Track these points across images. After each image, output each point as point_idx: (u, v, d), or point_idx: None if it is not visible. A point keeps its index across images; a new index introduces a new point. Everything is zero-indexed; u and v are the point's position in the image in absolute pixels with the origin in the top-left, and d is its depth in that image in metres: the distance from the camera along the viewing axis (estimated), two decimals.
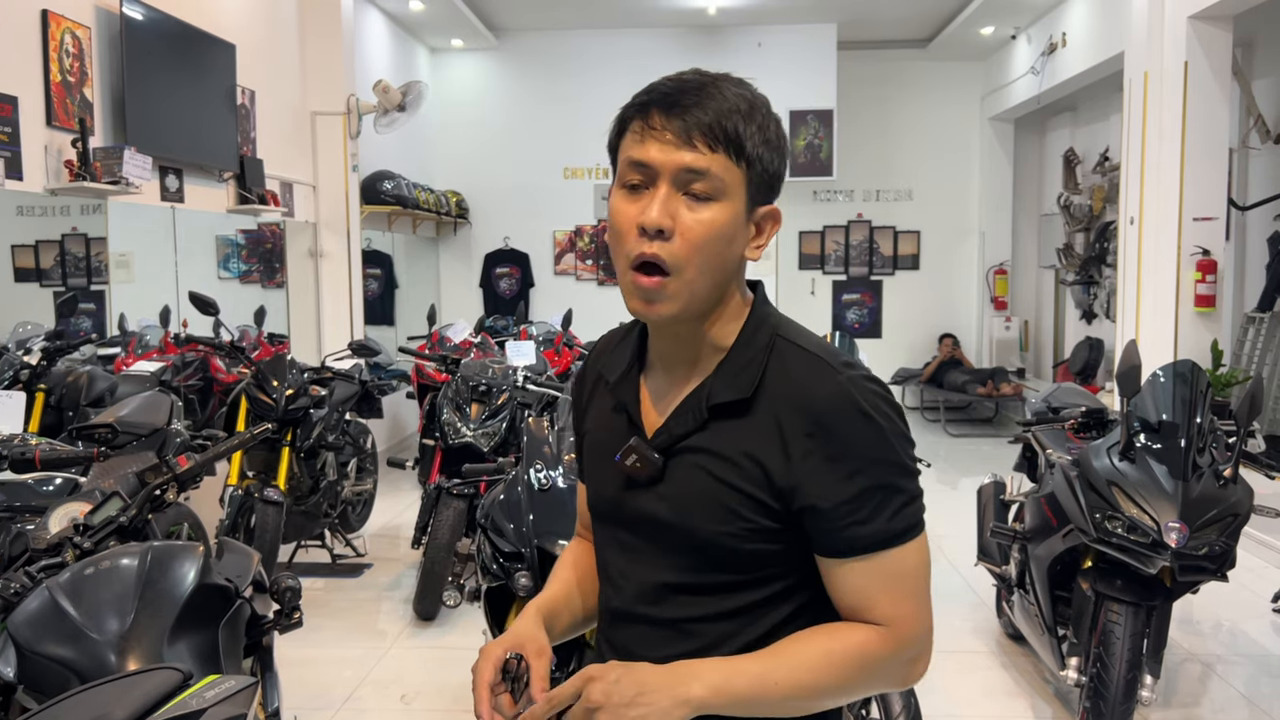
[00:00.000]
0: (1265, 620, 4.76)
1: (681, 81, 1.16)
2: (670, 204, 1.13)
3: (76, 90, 4.60)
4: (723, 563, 1.19)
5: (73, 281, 5.29)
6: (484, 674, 1.23)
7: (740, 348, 1.21)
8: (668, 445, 1.21)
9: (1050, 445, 4.06)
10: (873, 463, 1.14)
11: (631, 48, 9.73)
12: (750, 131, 1.15)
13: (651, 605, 1.25)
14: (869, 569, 1.16)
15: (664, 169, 1.14)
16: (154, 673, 1.45)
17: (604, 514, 1.32)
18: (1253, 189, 7.24)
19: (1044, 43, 8.88)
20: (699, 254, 1.14)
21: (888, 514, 1.15)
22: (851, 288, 11.09)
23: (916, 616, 1.18)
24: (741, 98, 1.16)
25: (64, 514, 2.37)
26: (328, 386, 5.25)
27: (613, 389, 1.31)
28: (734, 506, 1.16)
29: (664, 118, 1.14)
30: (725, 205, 1.14)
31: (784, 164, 1.21)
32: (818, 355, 1.18)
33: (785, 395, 1.16)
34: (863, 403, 1.14)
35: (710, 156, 1.13)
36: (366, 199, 7.84)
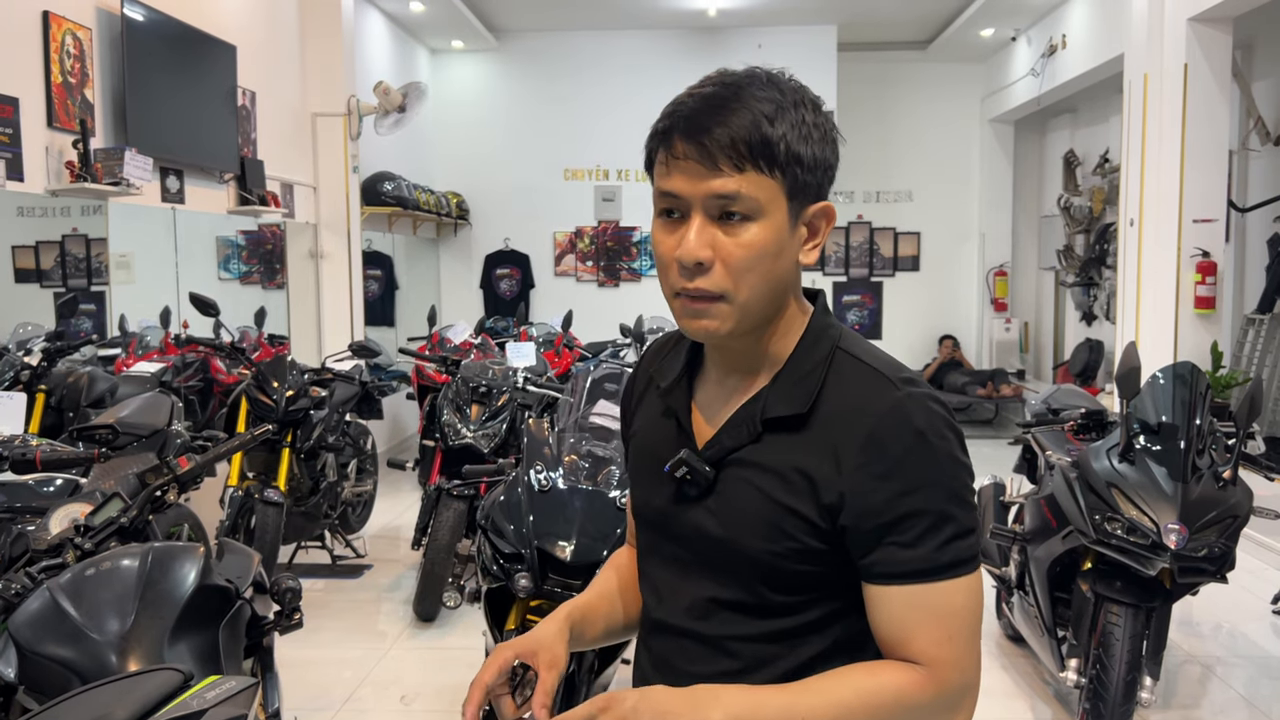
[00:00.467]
0: (1265, 622, 4.76)
1: (701, 98, 1.09)
2: (705, 233, 1.09)
3: (77, 91, 4.60)
4: (769, 582, 1.15)
5: (73, 282, 5.29)
6: (484, 674, 1.19)
7: (798, 360, 1.16)
8: (719, 458, 1.17)
9: (1050, 447, 4.07)
10: (923, 486, 1.08)
11: (631, 49, 9.73)
12: (780, 135, 1.07)
13: (694, 620, 1.20)
14: (909, 599, 1.10)
15: (693, 199, 1.08)
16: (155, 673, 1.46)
17: (650, 522, 1.27)
18: (1252, 191, 7.24)
19: (1044, 44, 8.88)
20: (745, 277, 1.09)
21: (935, 543, 1.08)
22: (852, 289, 11.10)
23: (958, 662, 1.10)
24: (768, 100, 1.08)
25: (65, 515, 2.37)
26: (328, 388, 5.26)
27: (664, 394, 1.26)
28: (782, 524, 1.12)
29: (685, 144, 1.08)
30: (765, 222, 1.09)
31: (831, 151, 1.13)
32: (877, 369, 1.13)
33: (841, 410, 1.11)
34: (918, 422, 1.08)
35: (739, 178, 1.07)
36: (367, 200, 7.84)
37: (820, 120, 1.12)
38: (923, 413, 1.09)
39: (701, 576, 1.20)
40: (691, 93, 1.11)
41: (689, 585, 1.21)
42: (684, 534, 1.21)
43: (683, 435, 1.22)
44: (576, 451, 3.11)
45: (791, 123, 1.09)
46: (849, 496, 1.09)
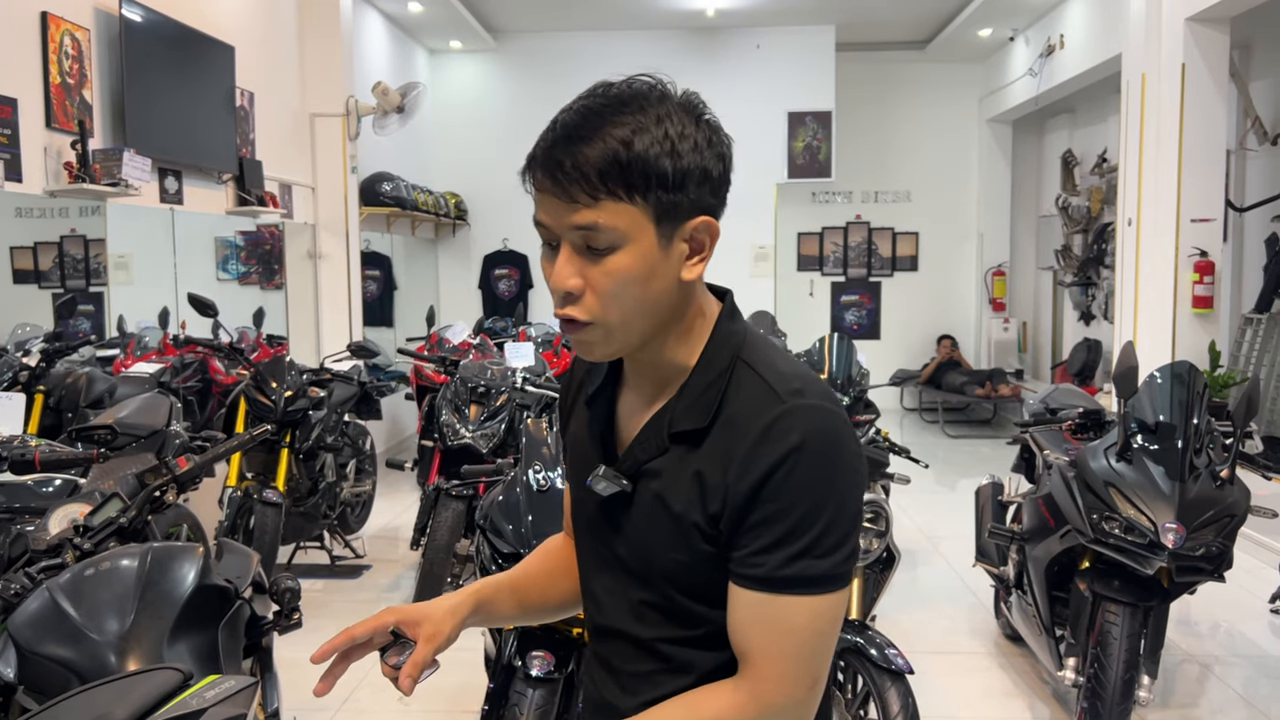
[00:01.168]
0: (1263, 621, 4.77)
1: (561, 126, 1.08)
2: (574, 263, 1.09)
3: (76, 92, 4.60)
4: (682, 589, 1.17)
5: (72, 283, 5.29)
6: (355, 627, 1.25)
7: (701, 371, 1.16)
8: (633, 470, 1.19)
9: (1048, 446, 4.07)
10: (784, 498, 1.07)
11: (630, 49, 9.73)
12: (634, 156, 1.04)
13: (629, 623, 1.23)
14: (751, 605, 1.11)
15: (558, 230, 1.09)
16: (154, 673, 1.46)
17: (584, 528, 1.30)
18: (1250, 190, 7.25)
19: (1042, 44, 8.89)
20: (613, 304, 1.09)
21: (782, 556, 1.08)
22: (850, 289, 11.11)
23: (783, 680, 1.10)
24: (623, 123, 1.05)
25: (64, 515, 2.37)
26: (326, 388, 5.26)
27: (588, 403, 1.29)
28: (683, 534, 1.14)
29: (543, 176, 1.08)
30: (630, 249, 1.07)
31: (712, 158, 1.10)
32: (767, 382, 1.12)
33: (733, 423, 1.12)
34: (794, 437, 1.07)
35: (595, 209, 1.05)
36: (365, 200, 7.84)
37: (692, 131, 1.09)
38: (802, 426, 1.08)
39: (630, 581, 1.23)
40: (555, 119, 1.10)
41: (622, 589, 1.24)
42: (611, 542, 1.24)
43: (605, 447, 1.24)
44: None
45: (651, 141, 1.05)
46: (728, 502, 1.10)
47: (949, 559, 5.58)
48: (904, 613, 4.75)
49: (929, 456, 4.67)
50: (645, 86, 1.10)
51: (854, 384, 5.03)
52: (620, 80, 1.12)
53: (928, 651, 4.29)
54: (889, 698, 2.73)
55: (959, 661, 4.30)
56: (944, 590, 5.16)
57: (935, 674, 4.05)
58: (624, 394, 1.26)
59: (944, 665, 4.21)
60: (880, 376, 10.05)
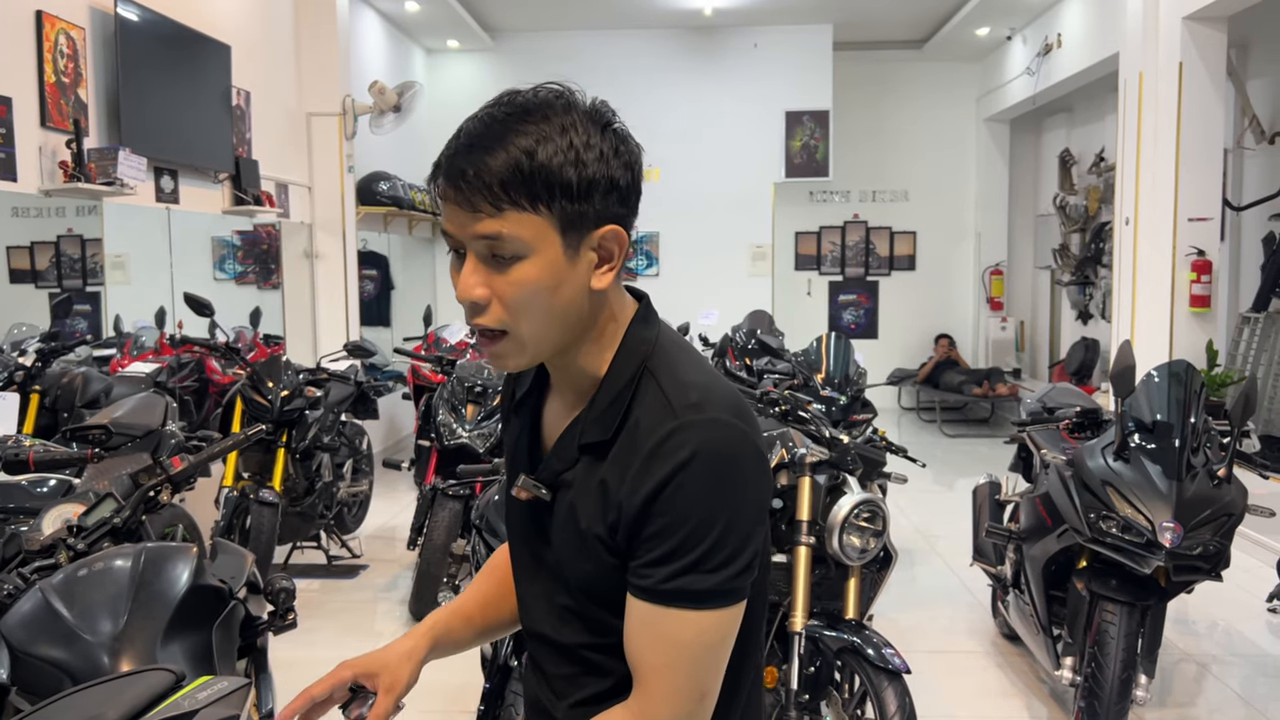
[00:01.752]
0: (1260, 620, 4.77)
1: (465, 135, 1.08)
2: (479, 273, 1.08)
3: (71, 91, 4.59)
4: (593, 598, 1.18)
5: (68, 283, 5.28)
6: (315, 686, 1.25)
7: (610, 381, 1.15)
8: (551, 480, 1.19)
9: (1045, 445, 4.07)
10: (672, 513, 1.06)
11: (628, 48, 9.73)
12: (539, 167, 1.04)
13: (553, 627, 1.24)
14: (641, 616, 1.11)
15: (463, 239, 1.08)
16: (146, 674, 1.45)
17: (513, 535, 1.31)
18: (1247, 189, 7.25)
19: (1039, 43, 8.89)
20: (521, 313, 1.08)
21: (667, 570, 1.08)
22: (848, 288, 11.10)
23: (671, 694, 1.10)
24: (527, 133, 1.05)
25: (57, 515, 2.37)
26: (323, 388, 5.25)
27: (516, 409, 1.29)
28: (588, 545, 1.14)
29: (447, 185, 1.07)
30: (535, 259, 1.06)
31: (619, 168, 1.09)
32: (665, 394, 1.11)
33: (633, 435, 1.11)
34: (684, 453, 1.06)
35: (498, 219, 1.04)
36: (362, 200, 7.83)
37: (597, 140, 1.07)
38: (694, 441, 1.07)
39: (554, 587, 1.23)
40: (461, 126, 1.09)
41: (546, 594, 1.25)
42: (536, 550, 1.25)
43: (530, 454, 1.25)
44: None
45: (555, 150, 1.04)
46: (622, 515, 1.10)
47: (946, 558, 5.58)
48: (901, 612, 4.74)
49: (926, 456, 4.66)
50: (551, 95, 1.09)
51: (851, 383, 5.02)
52: (527, 88, 1.10)
53: (925, 651, 4.28)
54: (886, 697, 2.72)
55: (956, 661, 4.30)
56: (941, 590, 5.15)
57: (932, 673, 4.05)
58: (549, 400, 1.26)
59: (941, 665, 4.21)
60: (878, 376, 10.06)
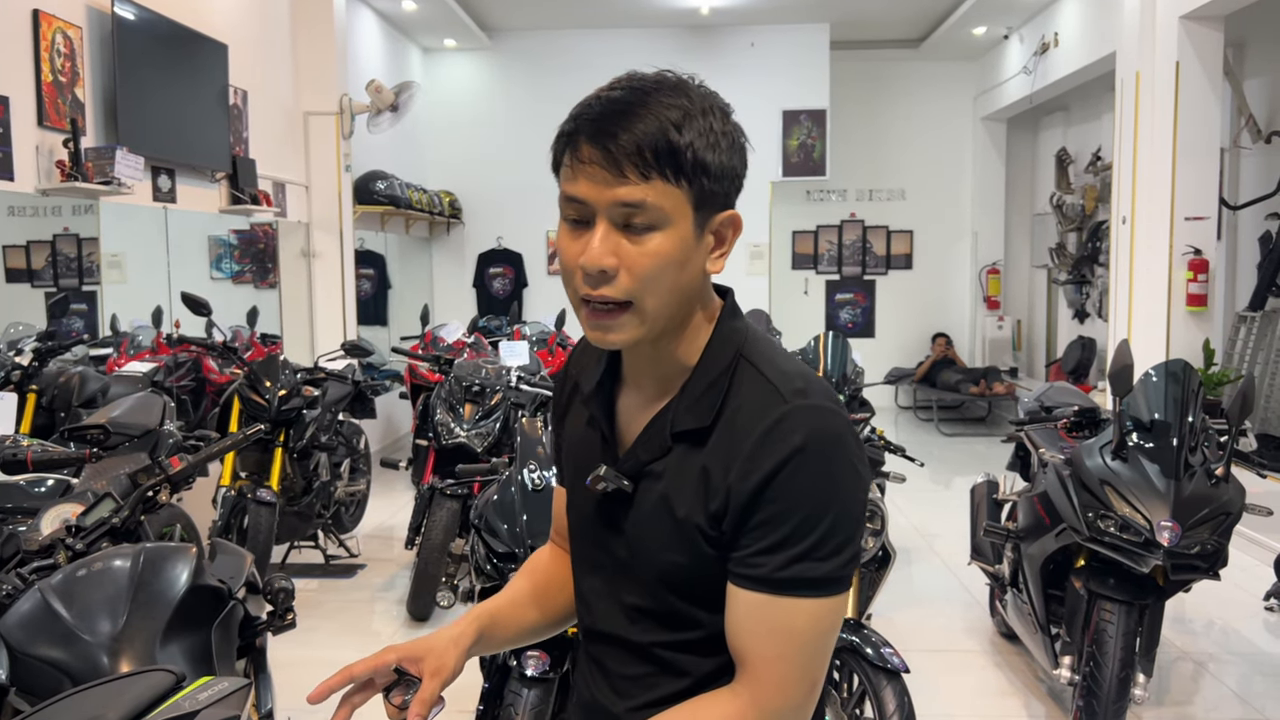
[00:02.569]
0: (1257, 619, 4.78)
1: (609, 101, 1.06)
2: (610, 241, 1.06)
3: (68, 90, 4.58)
4: (677, 592, 1.16)
5: (65, 282, 5.27)
6: (354, 666, 1.19)
7: (704, 369, 1.15)
8: (635, 471, 1.17)
9: (1043, 444, 4.07)
10: (786, 499, 1.06)
11: (624, 47, 9.72)
12: (687, 143, 1.05)
13: (622, 626, 1.22)
14: (750, 606, 1.10)
15: (598, 205, 1.06)
16: (146, 674, 1.45)
17: (579, 529, 1.28)
18: (1244, 188, 7.26)
19: (1036, 42, 8.89)
20: (650, 285, 1.07)
21: (782, 558, 1.07)
22: (845, 287, 11.11)
23: (783, 684, 1.09)
24: (674, 106, 1.05)
25: (56, 515, 2.36)
26: (320, 387, 5.24)
27: (585, 402, 1.26)
28: (683, 535, 1.13)
29: (590, 148, 1.05)
30: (670, 232, 1.07)
31: (739, 159, 1.12)
32: (770, 381, 1.11)
33: (735, 422, 1.11)
34: (796, 438, 1.06)
35: (644, 186, 1.04)
36: (359, 199, 7.82)
37: (728, 128, 1.10)
38: (806, 427, 1.07)
39: (624, 585, 1.21)
40: (599, 95, 1.08)
41: (615, 593, 1.23)
42: (608, 544, 1.22)
43: (606, 446, 1.22)
44: None
45: (699, 130, 1.06)
46: (730, 502, 1.09)
47: (944, 557, 5.58)
48: (900, 611, 4.75)
49: (924, 455, 4.67)
50: (683, 78, 1.10)
51: (849, 382, 5.02)
52: (650, 72, 1.11)
53: (923, 650, 4.29)
54: (885, 697, 2.72)
55: (955, 660, 4.30)
56: (939, 589, 5.16)
57: (931, 672, 4.05)
58: (623, 392, 1.24)
59: (940, 664, 4.21)
60: (875, 375, 10.06)
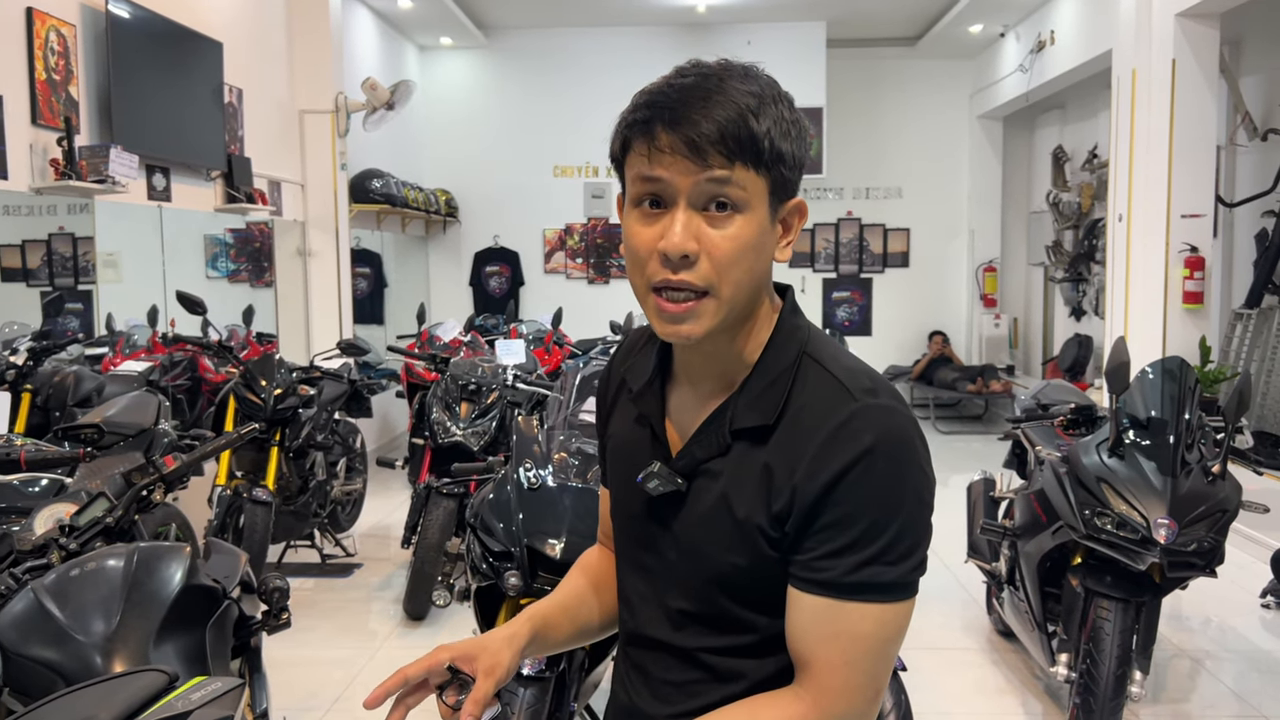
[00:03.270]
0: (1254, 616, 4.78)
1: (683, 88, 1.04)
2: (692, 225, 1.04)
3: (62, 88, 4.57)
4: (733, 595, 1.13)
5: (60, 281, 5.26)
6: (411, 666, 1.16)
7: (765, 366, 1.12)
8: (690, 469, 1.14)
9: (1040, 442, 4.07)
10: (856, 501, 1.04)
11: (621, 46, 9.72)
12: (764, 130, 1.04)
13: (667, 631, 1.19)
14: (815, 611, 1.07)
15: (680, 189, 1.04)
16: (139, 675, 1.44)
17: (625, 530, 1.26)
18: (1240, 186, 7.26)
19: (1032, 40, 8.89)
20: (731, 271, 1.05)
21: (851, 561, 1.05)
22: (841, 285, 11.10)
23: (848, 690, 1.07)
24: (749, 94, 1.04)
25: (49, 515, 2.35)
26: (316, 386, 5.23)
27: (636, 399, 1.23)
28: (743, 535, 1.10)
29: (670, 134, 1.03)
30: (750, 216, 1.05)
31: (805, 148, 1.10)
32: (838, 379, 1.09)
33: (801, 420, 1.08)
34: (868, 437, 1.04)
35: (728, 170, 1.03)
36: (355, 198, 7.81)
37: (796, 117, 1.09)
38: (876, 427, 1.05)
39: (672, 588, 1.19)
40: (670, 82, 1.07)
41: (661, 596, 1.20)
42: (656, 545, 1.20)
43: (656, 444, 1.19)
44: (566, 449, 3.10)
45: (774, 118, 1.05)
46: (795, 503, 1.07)
47: (941, 555, 5.58)
48: None
49: None
50: (749, 66, 1.10)
51: None
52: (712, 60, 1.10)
53: (920, 648, 4.29)
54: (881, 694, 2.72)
55: (952, 658, 4.30)
56: (936, 587, 5.16)
57: (928, 670, 4.05)
58: (675, 389, 1.21)
59: (937, 662, 4.21)
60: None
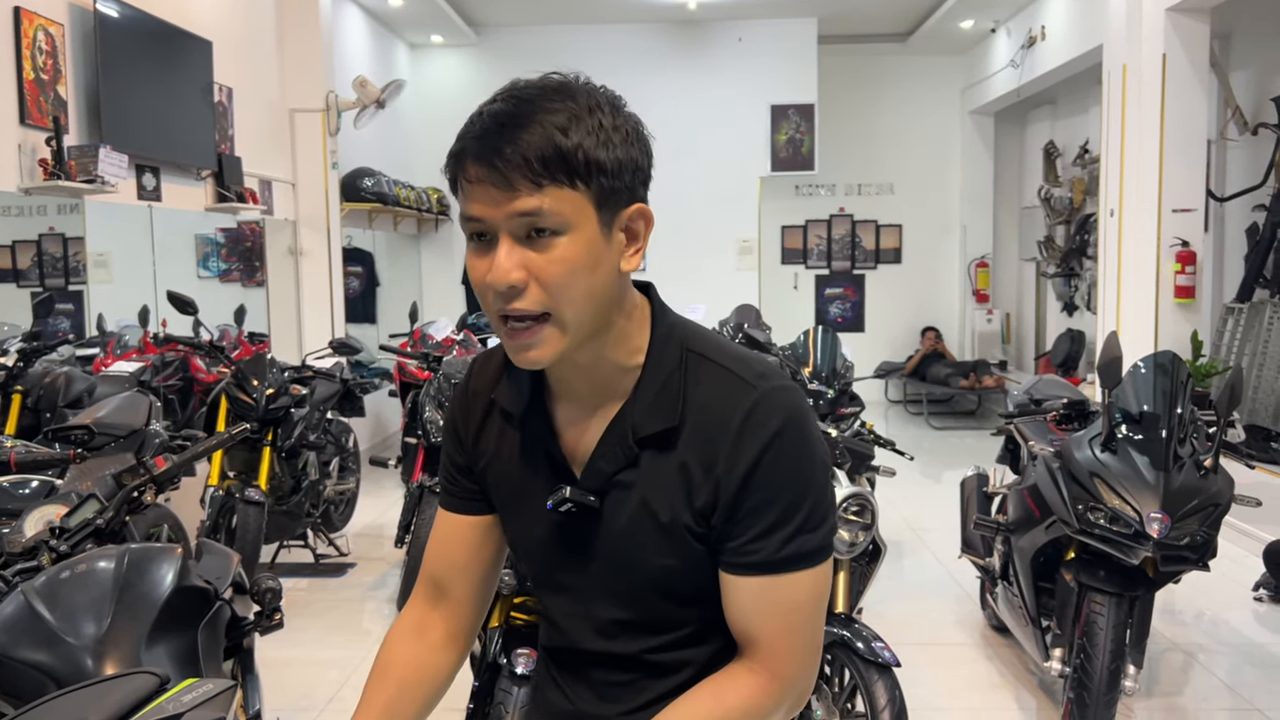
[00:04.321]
0: (1247, 609, 4.79)
1: (490, 116, 1.05)
2: (515, 255, 1.04)
3: (50, 88, 4.54)
4: (671, 595, 1.17)
5: (50, 282, 5.23)
6: None
7: (652, 369, 1.13)
8: (601, 485, 1.15)
9: (1032, 437, 4.07)
10: (774, 481, 1.09)
11: (612, 43, 9.70)
12: (575, 144, 1.02)
13: (603, 641, 1.21)
14: (756, 591, 1.12)
15: (495, 221, 1.04)
16: (130, 677, 1.43)
17: (535, 555, 1.25)
18: (1231, 180, 7.28)
19: (1023, 36, 8.90)
20: (564, 294, 1.04)
21: (780, 536, 1.10)
22: (834, 282, 11.11)
23: (798, 655, 1.15)
24: (558, 110, 1.04)
25: (39, 517, 2.34)
26: (309, 385, 5.22)
27: (520, 424, 1.22)
28: (675, 538, 1.13)
29: (477, 167, 1.04)
30: (574, 236, 1.04)
31: (638, 150, 1.09)
32: (729, 369, 1.12)
33: (704, 415, 1.11)
34: (774, 421, 1.09)
35: (539, 195, 1.02)
36: (347, 196, 7.79)
37: (620, 121, 1.08)
38: (779, 410, 1.10)
39: (600, 601, 1.20)
40: (481, 111, 1.07)
41: (590, 610, 1.21)
42: (574, 564, 1.20)
43: (556, 467, 1.19)
44: None
45: (588, 129, 1.04)
46: (720, 495, 1.11)
47: (935, 551, 5.59)
48: (890, 605, 4.74)
49: (914, 448, 4.66)
50: (566, 79, 1.09)
51: (839, 376, 5.02)
52: (533, 78, 1.10)
53: (914, 644, 4.29)
54: (876, 691, 2.72)
55: (946, 653, 4.31)
56: (930, 582, 5.16)
57: (922, 666, 4.05)
58: (559, 406, 1.20)
59: (931, 657, 4.21)
60: (865, 369, 10.06)
